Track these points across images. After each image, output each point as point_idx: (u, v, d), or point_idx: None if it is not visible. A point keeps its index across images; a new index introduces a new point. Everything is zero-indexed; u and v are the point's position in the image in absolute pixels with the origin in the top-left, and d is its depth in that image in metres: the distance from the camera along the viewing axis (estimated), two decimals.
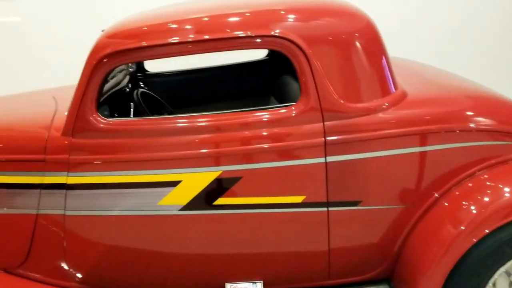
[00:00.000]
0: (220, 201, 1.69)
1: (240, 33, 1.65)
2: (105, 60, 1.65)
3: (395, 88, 1.77)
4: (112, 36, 1.71)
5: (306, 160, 1.66)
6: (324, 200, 1.69)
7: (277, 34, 1.63)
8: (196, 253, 1.78)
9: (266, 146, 1.66)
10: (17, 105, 2.24)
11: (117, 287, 1.86)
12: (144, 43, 1.65)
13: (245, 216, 1.71)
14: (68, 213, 1.76)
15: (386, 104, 1.70)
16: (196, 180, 1.68)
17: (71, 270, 1.83)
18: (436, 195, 1.72)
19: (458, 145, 1.71)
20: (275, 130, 1.66)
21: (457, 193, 1.72)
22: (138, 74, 2.65)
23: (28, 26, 3.07)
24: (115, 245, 1.78)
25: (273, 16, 1.73)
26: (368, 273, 1.82)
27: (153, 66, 2.76)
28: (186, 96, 2.64)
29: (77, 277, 1.84)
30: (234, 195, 1.69)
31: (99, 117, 1.70)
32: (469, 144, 1.72)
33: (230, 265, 1.79)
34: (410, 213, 1.73)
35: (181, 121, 1.70)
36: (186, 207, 1.70)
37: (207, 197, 1.69)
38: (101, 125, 1.69)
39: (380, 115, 1.68)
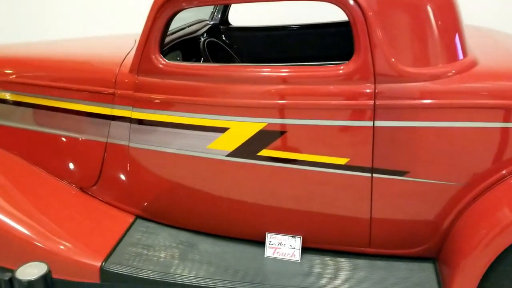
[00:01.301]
0: (264, 152, 1.70)
1: None
2: (169, 2, 1.71)
3: (464, 55, 1.57)
4: None
5: (352, 121, 1.58)
6: (369, 165, 1.61)
7: None
8: (240, 200, 1.83)
9: (312, 103, 1.61)
10: (103, 43, 2.44)
11: (170, 220, 2.01)
12: None
13: (287, 171, 1.71)
14: (131, 145, 1.91)
15: (452, 71, 1.53)
16: (242, 129, 1.70)
17: (133, 197, 2.01)
18: (493, 177, 1.54)
19: None
20: (322, 87, 1.60)
21: None
22: (221, 26, 2.69)
23: None
24: (168, 180, 1.90)
25: None
26: (412, 248, 1.73)
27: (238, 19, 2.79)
28: (264, 53, 2.63)
29: (138, 205, 2.02)
30: (277, 148, 1.68)
31: (161, 57, 1.78)
32: None
33: (271, 216, 1.82)
34: (463, 192, 1.59)
35: (231, 70, 1.71)
36: (232, 154, 1.75)
37: (252, 147, 1.71)
38: (161, 66, 1.77)
39: (441, 82, 1.53)
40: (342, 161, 1.63)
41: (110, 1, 3.37)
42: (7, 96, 2.19)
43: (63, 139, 2.08)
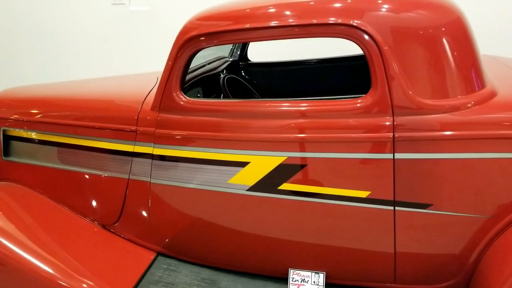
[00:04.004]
0: (285, 186, 1.70)
1: (314, 21, 1.61)
2: (190, 41, 1.76)
3: (483, 86, 1.57)
4: (199, 19, 1.80)
5: (372, 154, 1.58)
6: (391, 198, 1.59)
7: (354, 24, 1.56)
8: (261, 235, 1.82)
9: (331, 136, 1.62)
10: (126, 81, 2.51)
11: (191, 257, 2.00)
12: (228, 27, 1.72)
13: (308, 205, 1.70)
14: (153, 181, 1.93)
15: (471, 102, 1.53)
16: (263, 163, 1.71)
17: (154, 234, 2.02)
18: None
19: None
20: (341, 120, 1.61)
21: None
22: (240, 63, 2.75)
23: (156, 15, 3.38)
24: (189, 216, 1.91)
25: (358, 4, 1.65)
26: (440, 283, 1.68)
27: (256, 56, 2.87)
28: (281, 87, 2.68)
29: (159, 241, 2.02)
30: (298, 182, 1.68)
31: (182, 95, 1.82)
32: None
33: (294, 252, 1.80)
34: (489, 224, 1.55)
35: (251, 105, 1.74)
36: (253, 188, 1.75)
37: (272, 181, 1.71)
38: (182, 103, 1.81)
39: (460, 113, 1.52)
40: (363, 194, 1.62)
41: (129, 43, 3.49)
42: (33, 135, 2.26)
43: (86, 176, 2.12)
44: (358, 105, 1.58)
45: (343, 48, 2.55)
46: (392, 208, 1.60)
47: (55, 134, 2.19)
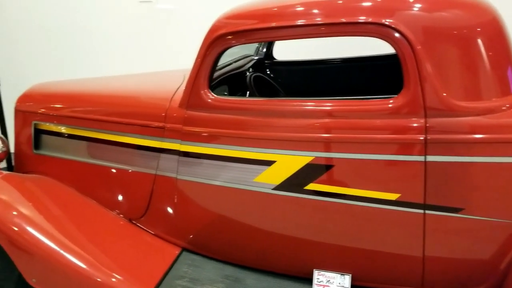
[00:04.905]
0: (311, 186, 1.69)
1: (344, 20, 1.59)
2: (219, 40, 1.76)
3: None
4: (228, 17, 1.80)
5: (402, 156, 1.55)
6: (421, 201, 1.56)
7: (386, 23, 1.53)
8: (286, 234, 1.81)
9: (361, 136, 1.60)
10: (153, 79, 2.53)
11: (215, 253, 2.01)
12: (256, 26, 1.71)
13: (335, 206, 1.68)
14: (179, 177, 1.95)
15: (506, 105, 1.48)
16: (289, 162, 1.70)
17: (179, 229, 2.04)
18: None
19: None
20: (371, 121, 1.58)
21: None
22: (265, 61, 2.75)
23: (181, 13, 3.40)
24: (215, 212, 1.92)
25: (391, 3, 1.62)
26: None
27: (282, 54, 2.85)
28: (306, 86, 2.66)
29: (184, 237, 2.04)
30: (325, 182, 1.67)
31: (209, 93, 1.83)
32: None
33: (319, 252, 1.79)
34: None
35: (278, 103, 1.73)
36: (279, 187, 1.74)
37: (299, 180, 1.70)
38: (209, 100, 1.82)
39: (494, 116, 1.48)
40: (392, 196, 1.59)
41: (155, 41, 3.52)
42: (62, 129, 2.30)
43: (114, 171, 2.15)
44: (390, 105, 1.55)
45: (371, 47, 2.53)
46: (422, 211, 1.57)
47: (83, 128, 2.22)
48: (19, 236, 1.85)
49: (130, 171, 2.10)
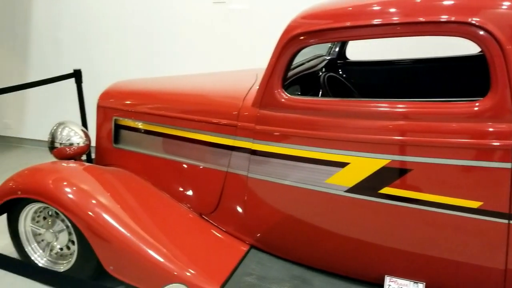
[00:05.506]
0: (386, 190, 1.64)
1: (437, 18, 1.52)
2: (295, 40, 1.76)
3: None
4: (304, 17, 1.79)
5: (487, 162, 1.46)
6: (506, 211, 1.47)
7: (473, 22, 1.45)
8: (357, 238, 1.78)
9: (443, 140, 1.53)
10: (226, 78, 2.58)
11: (283, 253, 2.01)
12: (332, 25, 1.69)
13: (411, 211, 1.62)
14: (250, 175, 1.97)
15: None
16: (364, 165, 1.67)
17: (249, 226, 2.06)
18: None
19: None
20: (453, 125, 1.51)
21: None
22: (338, 61, 2.71)
23: (255, 13, 3.43)
24: (284, 212, 1.92)
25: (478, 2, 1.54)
26: None
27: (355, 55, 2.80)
28: (381, 87, 2.59)
29: (252, 234, 2.07)
30: (401, 187, 1.62)
31: (283, 92, 1.83)
32: None
33: (391, 258, 1.74)
34: None
35: (354, 104, 1.70)
36: (351, 190, 1.71)
37: (373, 184, 1.66)
38: (283, 100, 1.82)
39: None
40: (474, 204, 1.51)
41: (228, 41, 3.58)
42: (139, 125, 2.41)
43: (187, 166, 2.22)
44: (476, 108, 1.48)
45: (442, 48, 2.43)
46: (506, 221, 1.48)
47: (159, 124, 2.31)
48: (98, 224, 1.96)
49: (201, 167, 2.16)
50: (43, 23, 4.29)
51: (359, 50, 2.87)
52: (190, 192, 2.24)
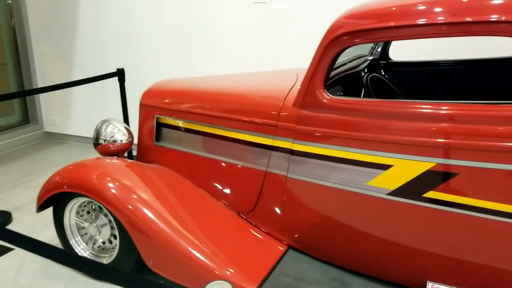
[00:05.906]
0: (431, 194, 1.60)
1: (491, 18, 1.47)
2: (338, 39, 1.74)
3: None
4: (347, 17, 1.77)
5: None
6: None
7: None
8: (399, 242, 1.74)
9: (493, 144, 1.47)
10: (266, 78, 2.58)
11: (321, 254, 2.00)
12: (376, 25, 1.66)
13: (455, 216, 1.58)
14: (289, 175, 1.97)
15: None
16: (407, 168, 1.63)
17: (287, 227, 2.06)
18: None
19: None
20: (500, 128, 1.45)
21: None
22: (380, 61, 2.66)
23: (296, 13, 3.43)
24: (324, 213, 1.90)
25: None
26: None
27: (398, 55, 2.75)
28: (424, 88, 2.52)
29: (291, 235, 2.06)
30: (446, 191, 1.57)
31: (325, 93, 1.82)
32: None
33: (434, 264, 1.69)
34: None
35: (398, 106, 1.66)
36: (394, 193, 1.68)
37: (417, 187, 1.62)
38: (325, 101, 1.80)
39: None
40: None
41: (269, 41, 3.59)
42: (180, 123, 2.45)
43: (227, 165, 2.24)
44: None
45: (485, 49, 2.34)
46: None
47: (199, 123, 2.34)
48: (138, 218, 2.01)
49: (241, 166, 2.17)
50: (88, 26, 4.44)
51: (398, 50, 2.82)
52: (228, 191, 2.26)
